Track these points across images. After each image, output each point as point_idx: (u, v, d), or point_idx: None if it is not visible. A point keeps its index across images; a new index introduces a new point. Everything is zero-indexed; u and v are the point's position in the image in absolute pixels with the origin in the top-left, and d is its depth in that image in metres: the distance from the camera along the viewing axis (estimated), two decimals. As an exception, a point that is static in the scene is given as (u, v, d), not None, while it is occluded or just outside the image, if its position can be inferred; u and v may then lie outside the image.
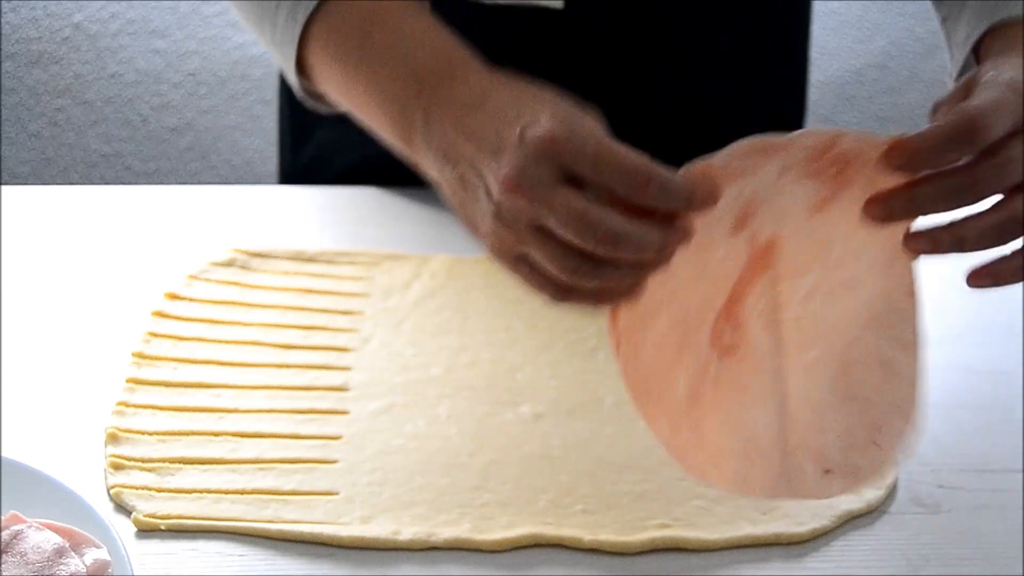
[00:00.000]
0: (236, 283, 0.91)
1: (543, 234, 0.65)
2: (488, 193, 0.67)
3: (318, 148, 1.09)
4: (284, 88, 1.14)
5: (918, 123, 0.64)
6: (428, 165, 0.73)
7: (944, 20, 0.87)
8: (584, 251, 0.64)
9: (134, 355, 0.83)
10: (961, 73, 0.82)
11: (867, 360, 0.67)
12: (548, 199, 0.64)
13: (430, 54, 0.75)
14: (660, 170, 0.63)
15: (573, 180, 0.64)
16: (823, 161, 0.63)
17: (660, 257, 0.63)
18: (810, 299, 0.66)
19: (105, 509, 0.70)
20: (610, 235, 0.63)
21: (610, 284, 0.65)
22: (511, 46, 0.94)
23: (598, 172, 0.64)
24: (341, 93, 0.81)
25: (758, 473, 0.67)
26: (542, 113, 0.66)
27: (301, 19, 0.81)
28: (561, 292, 0.66)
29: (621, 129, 1.04)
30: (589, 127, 0.66)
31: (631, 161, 0.63)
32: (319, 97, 0.86)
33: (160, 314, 0.87)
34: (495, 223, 0.66)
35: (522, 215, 0.65)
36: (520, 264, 0.67)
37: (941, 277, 0.96)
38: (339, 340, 0.86)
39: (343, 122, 1.06)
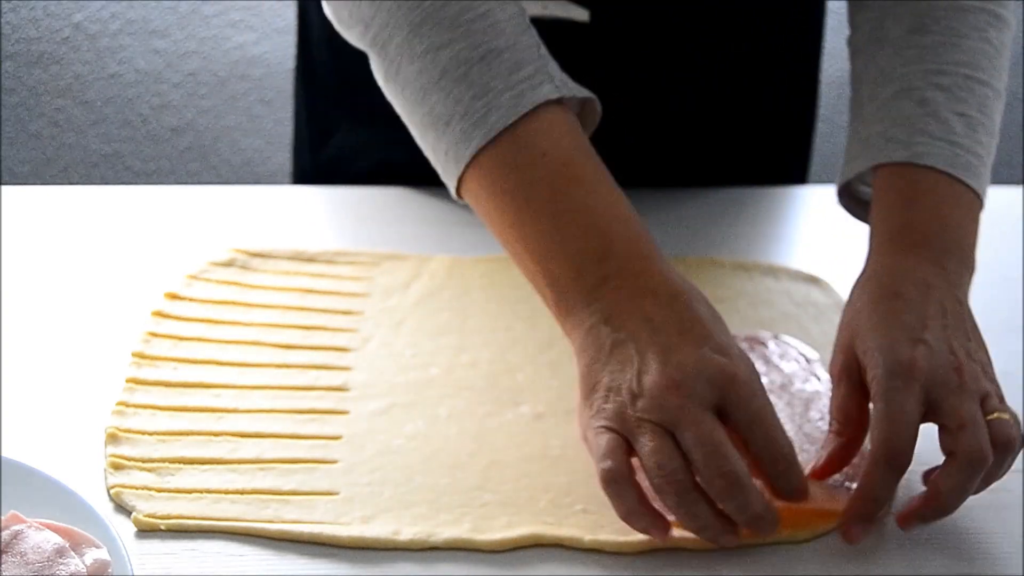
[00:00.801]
0: (236, 283, 0.91)
1: (668, 438, 0.68)
2: (639, 376, 0.69)
3: (338, 150, 1.09)
4: (302, 88, 1.14)
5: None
6: (578, 323, 0.73)
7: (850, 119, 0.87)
8: (690, 477, 0.68)
9: (134, 355, 0.83)
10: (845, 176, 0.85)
11: None
12: (697, 416, 0.68)
13: (625, 229, 0.74)
14: (796, 458, 0.70)
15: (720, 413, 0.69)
16: None
17: (740, 525, 0.69)
18: None
19: (105, 509, 0.70)
20: (732, 476, 0.67)
21: (695, 520, 0.69)
22: None
23: (750, 430, 0.69)
24: (505, 225, 0.77)
25: None
26: (730, 347, 0.70)
27: (476, 144, 0.76)
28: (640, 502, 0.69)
29: (645, 136, 1.05)
30: (759, 380, 0.70)
31: (781, 438, 0.69)
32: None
33: (160, 314, 0.87)
34: (629, 401, 0.69)
35: (664, 413, 0.68)
36: (617, 447, 0.69)
37: (941, 277, 0.96)
38: (339, 340, 0.86)
39: (364, 126, 1.06)
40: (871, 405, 0.72)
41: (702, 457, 0.67)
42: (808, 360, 0.85)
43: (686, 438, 0.68)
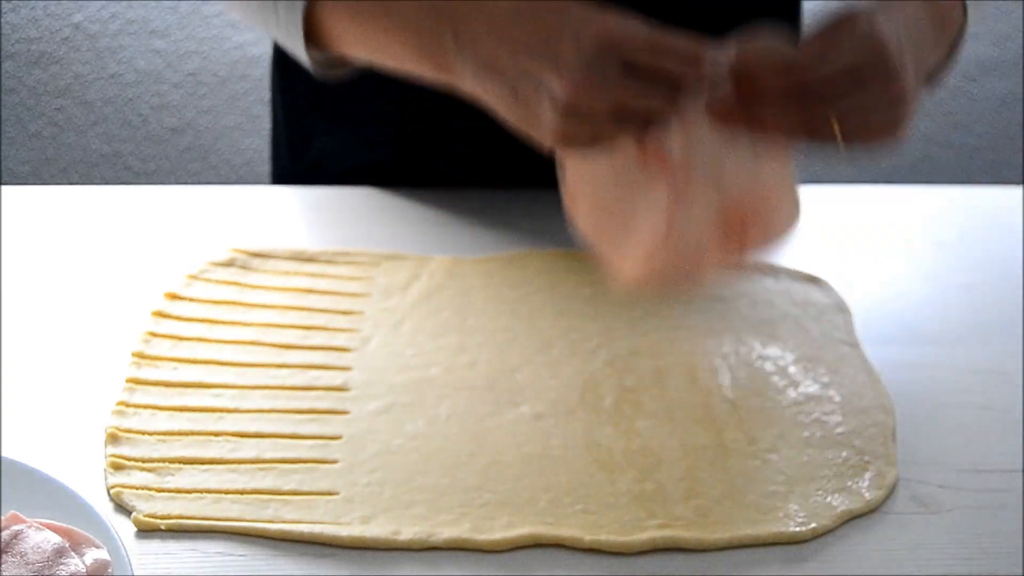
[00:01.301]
0: (236, 283, 0.91)
1: (627, 91, 0.70)
2: (553, 98, 0.70)
3: (314, 155, 1.09)
4: (279, 95, 1.14)
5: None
6: (468, 82, 0.75)
7: None
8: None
9: (134, 355, 0.83)
10: None
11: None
12: (618, 85, 0.69)
13: None
14: (707, 50, 0.71)
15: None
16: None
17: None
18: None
19: (105, 509, 0.70)
20: (688, 54, 0.70)
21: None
22: None
23: (655, 57, 0.70)
24: (360, 44, 0.81)
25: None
26: (590, 14, 0.70)
27: None
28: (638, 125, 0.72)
29: None
30: (635, 21, 0.70)
31: (683, 44, 0.70)
32: (334, 64, 0.86)
33: (160, 314, 0.87)
34: (566, 120, 0.70)
35: (598, 105, 0.70)
36: (597, 141, 0.72)
37: (940, 277, 0.96)
38: (339, 340, 0.86)
39: (340, 128, 1.06)
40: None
41: (657, 61, 0.70)
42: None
43: (634, 81, 0.70)
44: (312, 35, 0.84)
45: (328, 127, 1.08)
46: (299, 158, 1.11)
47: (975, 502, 0.74)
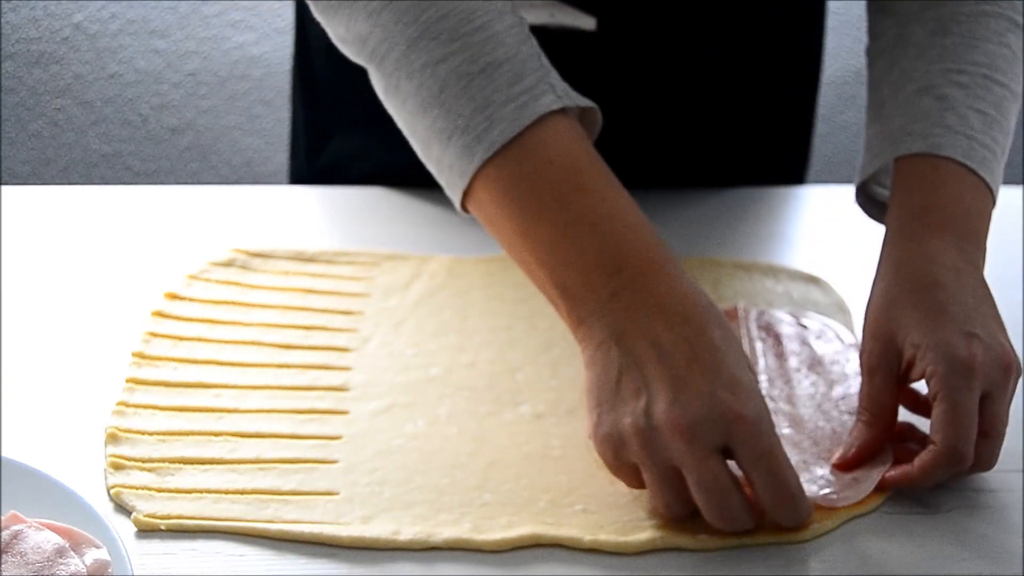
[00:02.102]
0: (236, 283, 0.91)
1: (674, 479, 0.69)
2: (647, 410, 0.69)
3: (334, 156, 1.09)
4: (299, 93, 1.14)
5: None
6: (589, 335, 0.73)
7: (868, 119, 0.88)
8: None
9: (134, 355, 0.83)
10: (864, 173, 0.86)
11: None
12: (702, 458, 0.68)
13: (636, 238, 0.74)
14: (803, 495, 0.70)
15: (727, 450, 0.69)
16: None
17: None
18: None
19: (105, 509, 0.70)
20: (734, 520, 0.69)
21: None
22: None
23: (756, 468, 0.69)
24: (515, 236, 0.76)
25: None
26: (740, 382, 0.69)
27: (481, 157, 0.75)
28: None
29: (648, 139, 1.05)
30: (768, 417, 0.69)
31: (789, 475, 0.69)
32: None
33: (160, 314, 0.87)
34: (634, 437, 0.69)
35: (669, 455, 0.68)
36: (627, 471, 0.71)
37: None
38: (339, 340, 0.86)
39: (362, 131, 1.06)
40: (932, 405, 0.73)
41: (705, 500, 0.68)
42: (844, 343, 0.86)
43: (691, 480, 0.68)
44: (466, 203, 0.78)
45: (346, 129, 1.08)
46: (315, 159, 1.11)
47: (975, 502, 0.74)
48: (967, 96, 0.82)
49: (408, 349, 0.85)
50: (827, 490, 0.73)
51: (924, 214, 0.79)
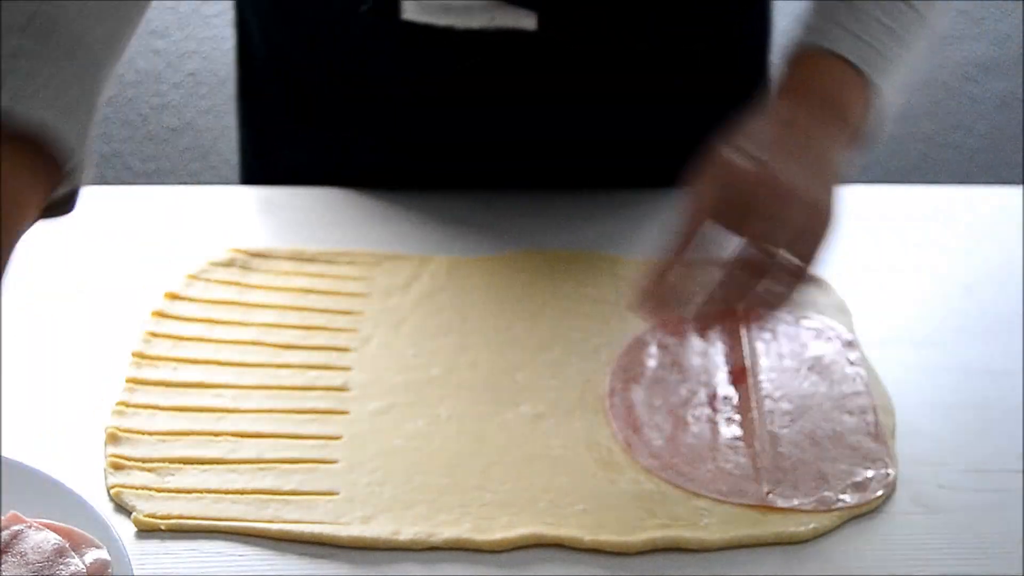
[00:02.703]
0: (236, 283, 0.91)
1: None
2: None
3: (284, 170, 1.08)
4: (244, 107, 1.14)
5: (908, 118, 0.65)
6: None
7: None
8: None
9: (134, 355, 0.83)
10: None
11: None
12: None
13: None
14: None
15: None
16: None
17: None
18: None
19: (105, 509, 0.70)
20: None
21: None
22: (485, 67, 0.94)
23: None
24: None
25: None
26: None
27: None
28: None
29: (594, 142, 1.05)
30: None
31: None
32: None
33: (160, 314, 0.87)
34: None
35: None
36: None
37: (940, 277, 0.96)
38: (339, 340, 0.86)
39: (308, 141, 1.06)
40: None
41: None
42: (844, 342, 0.87)
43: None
44: None
45: (292, 141, 1.07)
46: (267, 172, 1.10)
47: (975, 502, 0.74)
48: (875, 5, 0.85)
49: (408, 349, 0.85)
50: (827, 490, 0.73)
51: (790, 90, 0.83)
